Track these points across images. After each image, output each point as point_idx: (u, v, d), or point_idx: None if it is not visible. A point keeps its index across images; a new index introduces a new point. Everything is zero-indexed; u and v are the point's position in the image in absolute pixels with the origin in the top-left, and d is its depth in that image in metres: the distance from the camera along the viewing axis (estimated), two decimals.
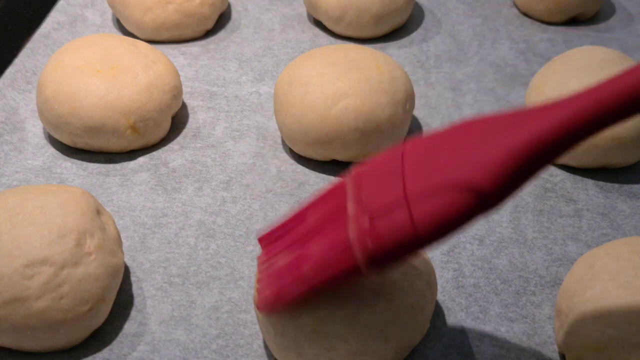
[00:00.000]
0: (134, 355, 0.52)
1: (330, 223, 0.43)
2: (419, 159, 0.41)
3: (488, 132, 0.39)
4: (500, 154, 0.38)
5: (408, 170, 0.41)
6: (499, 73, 0.77)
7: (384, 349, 0.48)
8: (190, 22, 0.79)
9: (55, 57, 0.68)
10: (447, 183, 0.39)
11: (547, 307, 0.55)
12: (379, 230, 0.40)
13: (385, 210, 0.40)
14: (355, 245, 0.41)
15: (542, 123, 0.38)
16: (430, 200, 0.39)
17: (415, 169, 0.41)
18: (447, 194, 0.38)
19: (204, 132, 0.70)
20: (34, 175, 0.65)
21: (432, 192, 0.39)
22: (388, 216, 0.40)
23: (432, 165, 0.40)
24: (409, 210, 0.39)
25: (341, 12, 0.79)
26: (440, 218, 0.39)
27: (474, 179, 0.38)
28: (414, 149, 0.42)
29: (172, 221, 0.62)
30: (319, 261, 0.43)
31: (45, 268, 0.49)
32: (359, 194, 0.42)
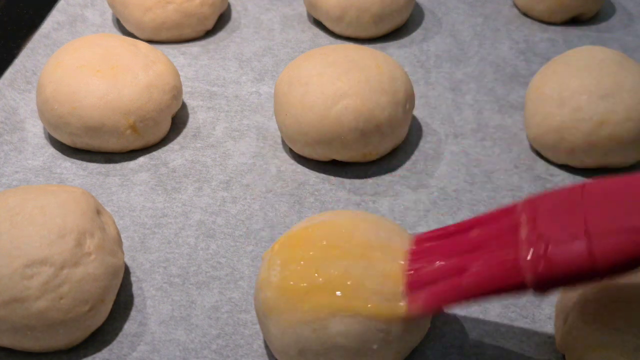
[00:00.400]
0: (134, 355, 0.52)
1: (498, 241, 0.45)
2: (601, 199, 0.44)
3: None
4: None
5: (589, 207, 0.43)
6: (499, 73, 0.77)
7: (384, 349, 0.48)
8: (190, 22, 0.79)
9: (55, 57, 0.68)
10: (633, 226, 0.41)
11: (547, 307, 0.55)
12: (554, 256, 0.42)
13: (563, 239, 0.42)
14: (526, 266, 0.43)
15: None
16: (613, 238, 0.41)
17: (596, 208, 0.43)
18: (631, 235, 0.41)
19: (204, 132, 0.70)
20: (34, 175, 0.65)
21: (616, 231, 0.41)
22: (565, 245, 0.42)
23: (615, 207, 0.42)
24: (588, 244, 0.41)
25: (341, 12, 0.79)
26: (621, 255, 0.41)
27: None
28: (596, 189, 0.45)
29: (172, 221, 0.62)
30: (483, 274, 0.44)
31: (45, 268, 0.49)
32: (534, 221, 0.44)
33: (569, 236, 0.42)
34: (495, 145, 0.69)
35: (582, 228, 0.42)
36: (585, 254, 0.41)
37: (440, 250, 0.48)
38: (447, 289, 0.46)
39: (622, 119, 0.63)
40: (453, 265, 0.46)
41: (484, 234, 0.47)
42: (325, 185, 0.65)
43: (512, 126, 0.71)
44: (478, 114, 0.72)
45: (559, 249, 0.42)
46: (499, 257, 0.44)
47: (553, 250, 0.42)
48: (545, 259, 0.42)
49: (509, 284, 0.44)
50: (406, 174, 0.66)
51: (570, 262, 0.42)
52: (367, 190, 0.65)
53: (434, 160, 0.68)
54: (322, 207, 0.63)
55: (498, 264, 0.44)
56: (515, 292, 0.44)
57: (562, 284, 0.43)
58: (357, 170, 0.66)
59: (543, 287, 0.43)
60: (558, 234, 0.43)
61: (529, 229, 0.44)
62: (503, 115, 0.72)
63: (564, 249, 0.42)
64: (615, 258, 0.41)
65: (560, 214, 0.44)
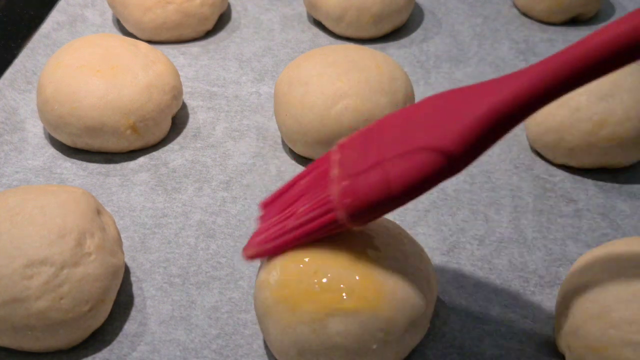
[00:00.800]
0: (134, 355, 0.52)
1: (315, 186, 0.49)
2: (393, 129, 0.47)
3: (454, 102, 0.45)
4: (466, 119, 0.43)
5: (384, 139, 0.47)
6: (499, 73, 0.77)
7: (384, 349, 0.48)
8: (190, 22, 0.79)
9: (55, 57, 0.68)
10: (418, 146, 0.44)
11: (547, 307, 0.55)
12: (357, 187, 0.46)
13: (363, 170, 0.46)
14: (336, 202, 0.47)
15: (502, 92, 0.43)
16: (402, 161, 0.44)
17: (389, 137, 0.47)
18: (417, 155, 0.44)
19: (204, 132, 0.70)
20: (34, 175, 0.65)
21: (403, 155, 0.45)
22: (365, 175, 0.46)
23: (404, 133, 0.46)
24: (384, 171, 0.45)
25: (341, 12, 0.79)
26: (410, 176, 0.44)
27: (442, 142, 0.43)
28: (389, 122, 0.48)
29: (172, 221, 0.62)
30: (302, 215, 0.48)
31: (45, 268, 0.49)
32: (341, 160, 0.48)
33: (367, 168, 0.46)
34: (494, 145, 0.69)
35: (377, 157, 0.46)
36: (382, 180, 0.45)
37: (276, 208, 0.51)
38: (276, 234, 0.49)
39: (621, 119, 0.63)
40: (283, 215, 0.50)
41: (305, 183, 0.50)
42: None
43: None
44: None
45: (359, 180, 0.46)
46: (315, 198, 0.48)
47: (355, 182, 0.46)
48: (349, 192, 0.46)
49: (326, 221, 0.47)
50: None
51: (371, 190, 0.45)
52: None
53: None
54: None
55: (314, 205, 0.48)
56: (335, 227, 0.47)
57: (373, 211, 0.46)
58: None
59: (356, 218, 0.47)
60: (358, 168, 0.46)
61: (337, 169, 0.48)
62: None
63: (364, 180, 0.46)
64: (407, 179, 0.44)
65: (360, 150, 0.47)
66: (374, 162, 0.46)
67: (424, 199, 0.64)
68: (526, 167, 0.67)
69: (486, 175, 0.66)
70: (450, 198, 0.64)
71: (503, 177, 0.66)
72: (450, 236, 0.61)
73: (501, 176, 0.66)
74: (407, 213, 0.63)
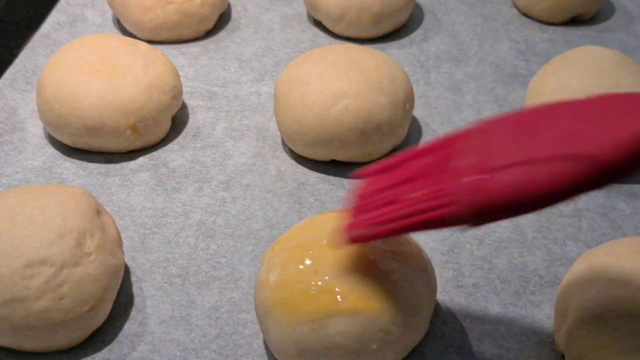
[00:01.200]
0: (134, 355, 0.52)
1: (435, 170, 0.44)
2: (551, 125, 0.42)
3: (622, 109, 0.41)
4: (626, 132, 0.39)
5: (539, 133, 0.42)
6: (499, 73, 0.77)
7: (384, 349, 0.48)
8: (190, 22, 0.79)
9: (55, 57, 0.68)
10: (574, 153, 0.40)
11: (547, 307, 0.55)
12: (496, 184, 0.41)
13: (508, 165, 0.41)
14: (463, 196, 0.42)
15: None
16: (554, 165, 0.40)
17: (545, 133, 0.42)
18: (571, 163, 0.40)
19: (204, 132, 0.70)
20: (34, 175, 0.65)
21: (557, 158, 0.40)
22: (509, 172, 0.41)
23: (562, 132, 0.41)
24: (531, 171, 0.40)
25: (341, 12, 0.79)
26: (560, 185, 0.40)
27: (596, 152, 0.39)
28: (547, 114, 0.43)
29: (172, 221, 0.62)
30: (416, 203, 0.44)
31: (45, 268, 0.49)
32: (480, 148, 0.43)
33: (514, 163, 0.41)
34: None
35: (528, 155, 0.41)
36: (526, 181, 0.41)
37: (379, 182, 0.47)
38: (384, 219, 0.45)
39: None
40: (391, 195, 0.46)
41: (425, 163, 0.46)
42: (325, 185, 0.65)
43: None
44: (478, 114, 0.72)
45: (501, 177, 0.41)
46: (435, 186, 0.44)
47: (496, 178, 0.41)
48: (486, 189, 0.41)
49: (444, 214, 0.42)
50: None
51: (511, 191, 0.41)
52: None
53: None
54: (322, 207, 0.63)
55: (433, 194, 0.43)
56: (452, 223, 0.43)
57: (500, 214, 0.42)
58: (357, 170, 0.66)
59: (481, 219, 0.42)
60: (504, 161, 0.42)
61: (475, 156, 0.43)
62: None
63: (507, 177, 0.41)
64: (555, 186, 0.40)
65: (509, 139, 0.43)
66: (523, 159, 0.41)
67: None
68: None
69: None
70: None
71: None
72: (450, 236, 0.61)
73: None
74: None
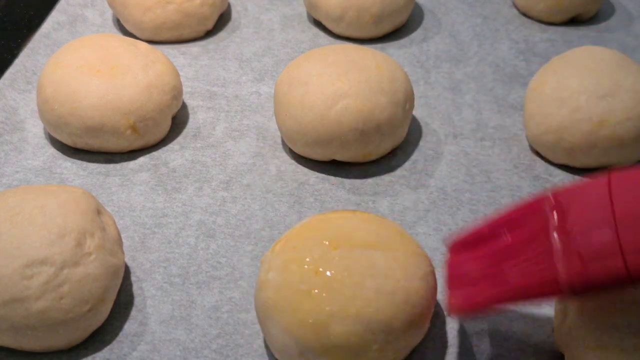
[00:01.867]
0: (134, 355, 0.52)
1: (533, 246, 0.45)
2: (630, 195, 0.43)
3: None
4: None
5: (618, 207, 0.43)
6: (499, 73, 0.77)
7: (385, 349, 0.48)
8: (190, 22, 0.79)
9: (55, 57, 0.68)
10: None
11: (547, 307, 0.55)
12: (590, 273, 0.42)
13: (597, 254, 0.42)
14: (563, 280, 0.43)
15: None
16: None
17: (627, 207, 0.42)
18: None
19: (204, 132, 0.70)
20: (34, 175, 0.65)
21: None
22: (600, 262, 0.42)
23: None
24: (624, 261, 0.41)
25: (341, 12, 0.79)
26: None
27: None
28: (623, 181, 0.44)
29: (172, 221, 0.62)
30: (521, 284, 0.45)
31: (45, 268, 0.49)
32: (563, 223, 0.44)
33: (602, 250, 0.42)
34: (494, 145, 0.69)
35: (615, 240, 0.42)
36: (622, 271, 0.42)
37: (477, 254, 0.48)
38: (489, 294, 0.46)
39: (621, 119, 0.63)
40: (490, 272, 0.47)
41: (517, 238, 0.47)
42: (325, 185, 0.65)
43: (511, 126, 0.71)
44: (477, 114, 0.72)
45: (593, 266, 0.42)
46: (535, 268, 0.45)
47: (589, 268, 0.42)
48: (581, 277, 0.43)
49: (546, 293, 0.45)
50: (406, 174, 0.66)
51: (607, 279, 0.42)
52: (367, 190, 0.65)
53: (434, 160, 0.68)
54: (322, 207, 0.63)
55: (535, 276, 0.44)
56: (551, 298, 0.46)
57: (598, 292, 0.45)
58: (357, 170, 0.66)
59: (580, 295, 0.45)
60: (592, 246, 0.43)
61: (560, 233, 0.44)
62: (502, 116, 0.72)
63: (599, 266, 0.42)
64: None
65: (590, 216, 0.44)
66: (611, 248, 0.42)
67: (424, 198, 0.64)
68: (526, 167, 0.67)
69: (486, 175, 0.66)
70: (450, 198, 0.64)
71: (503, 177, 0.66)
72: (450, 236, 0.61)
73: (501, 176, 0.66)
74: (407, 213, 0.63)
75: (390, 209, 0.63)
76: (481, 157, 0.68)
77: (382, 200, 0.64)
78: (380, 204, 0.63)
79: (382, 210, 0.63)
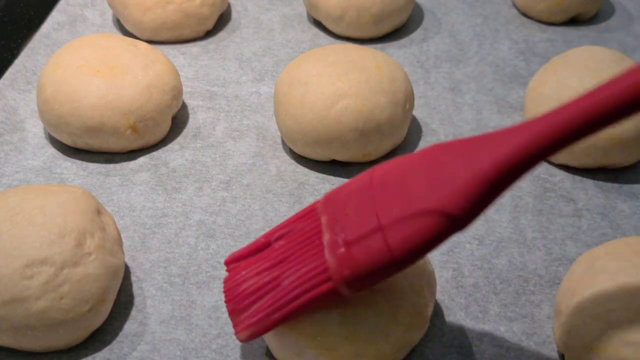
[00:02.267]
0: (134, 355, 0.52)
1: (306, 249, 0.46)
2: (389, 184, 0.44)
3: (455, 157, 0.43)
4: (467, 179, 0.41)
5: (379, 196, 0.44)
6: (499, 73, 0.77)
7: (384, 349, 0.48)
8: (190, 22, 0.79)
9: (55, 57, 0.68)
10: (419, 209, 0.42)
11: (547, 307, 0.55)
12: (356, 256, 0.43)
13: (360, 237, 0.44)
14: (333, 271, 0.44)
15: (502, 147, 0.41)
16: (403, 226, 0.42)
17: (386, 195, 0.44)
18: (419, 220, 0.42)
19: (204, 132, 0.70)
20: (34, 175, 0.65)
21: (405, 218, 0.42)
22: (364, 243, 0.43)
23: (402, 191, 0.43)
24: (384, 237, 0.43)
25: (341, 12, 0.79)
26: (414, 242, 0.42)
27: (445, 205, 0.41)
28: (383, 175, 0.45)
29: (172, 221, 0.62)
30: (296, 287, 0.45)
31: (45, 268, 0.49)
32: (332, 221, 0.46)
33: (365, 234, 0.43)
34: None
35: (376, 221, 0.43)
36: (383, 248, 0.43)
37: (253, 268, 0.48)
38: (268, 309, 0.46)
39: None
40: (267, 282, 0.47)
41: (291, 242, 0.47)
42: (325, 185, 0.65)
43: None
44: (477, 114, 0.72)
45: (359, 247, 0.43)
46: (308, 266, 0.45)
47: (354, 250, 0.43)
48: (347, 261, 0.43)
49: (322, 292, 0.45)
50: None
51: (372, 259, 0.43)
52: None
53: None
54: None
55: (307, 273, 0.45)
56: (331, 297, 0.45)
57: (373, 280, 0.44)
58: (357, 170, 0.66)
59: (354, 287, 0.44)
60: (355, 233, 0.44)
61: (328, 230, 0.45)
62: (502, 116, 0.72)
63: (363, 249, 0.43)
64: (410, 244, 0.42)
65: (354, 209, 0.45)
66: (372, 227, 0.43)
67: None
68: None
69: None
70: None
71: None
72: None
73: None
74: None
75: None
76: None
77: None
78: None
79: None
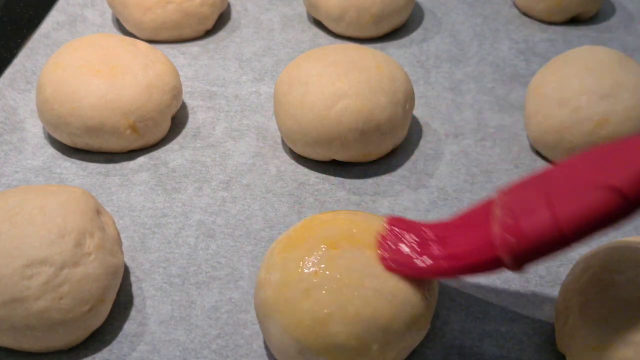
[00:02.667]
0: (134, 355, 0.52)
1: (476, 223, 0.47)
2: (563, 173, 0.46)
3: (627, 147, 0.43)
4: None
5: (551, 179, 0.45)
6: (499, 73, 0.77)
7: (384, 349, 0.48)
8: (190, 22, 0.79)
9: (54, 57, 0.68)
10: (591, 183, 0.42)
11: (547, 307, 0.55)
12: (523, 227, 0.43)
13: (529, 210, 0.44)
14: (499, 240, 0.44)
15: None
16: (573, 199, 0.42)
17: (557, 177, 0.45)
18: (590, 193, 0.41)
19: (204, 132, 0.70)
20: (34, 175, 0.65)
21: (575, 192, 0.42)
22: (531, 214, 0.43)
23: (573, 172, 0.44)
24: (552, 209, 0.43)
25: (341, 12, 0.79)
26: (582, 216, 0.42)
27: (618, 182, 0.41)
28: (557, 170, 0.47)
29: (172, 221, 0.62)
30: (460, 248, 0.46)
31: (45, 268, 0.49)
32: (504, 204, 0.46)
33: (534, 205, 0.44)
34: (495, 145, 0.69)
35: (545, 196, 0.44)
36: (550, 219, 0.42)
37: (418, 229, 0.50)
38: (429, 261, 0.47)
39: (622, 119, 0.63)
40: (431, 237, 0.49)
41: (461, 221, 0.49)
42: (325, 185, 0.65)
43: (512, 126, 0.71)
44: (478, 114, 0.72)
45: (526, 218, 0.43)
46: (475, 234, 0.46)
47: (521, 221, 0.43)
48: (514, 231, 0.43)
49: (484, 258, 0.45)
50: (406, 174, 0.66)
51: (539, 230, 0.43)
52: (367, 190, 0.65)
53: (434, 160, 0.68)
54: (322, 207, 0.63)
55: (474, 240, 0.46)
56: (492, 267, 0.45)
57: (539, 254, 0.44)
58: (357, 170, 0.66)
59: (520, 260, 0.44)
60: (523, 207, 0.44)
61: (501, 210, 0.46)
62: (503, 115, 0.72)
63: (530, 218, 0.43)
64: (578, 218, 0.42)
65: (527, 193, 0.46)
66: (542, 202, 0.43)
67: (424, 198, 0.64)
68: (527, 167, 0.67)
69: (487, 175, 0.66)
70: (451, 198, 0.64)
71: (503, 177, 0.66)
72: None
73: (502, 176, 0.66)
74: (407, 213, 0.63)
75: (390, 209, 0.63)
76: (482, 157, 0.68)
77: (382, 200, 0.64)
78: (381, 204, 0.63)
79: (382, 210, 0.63)
